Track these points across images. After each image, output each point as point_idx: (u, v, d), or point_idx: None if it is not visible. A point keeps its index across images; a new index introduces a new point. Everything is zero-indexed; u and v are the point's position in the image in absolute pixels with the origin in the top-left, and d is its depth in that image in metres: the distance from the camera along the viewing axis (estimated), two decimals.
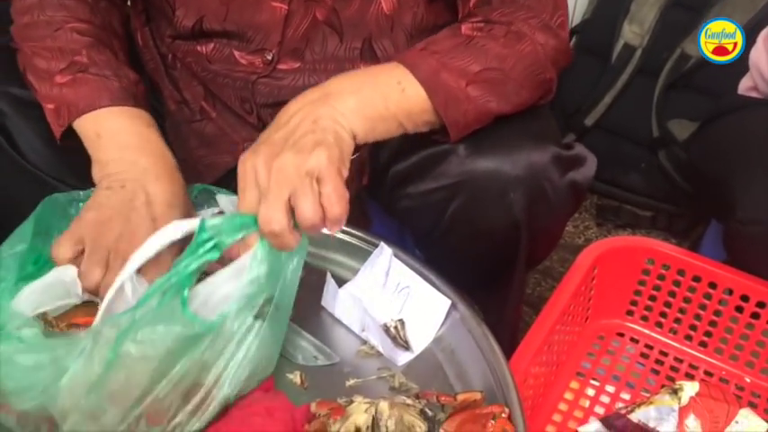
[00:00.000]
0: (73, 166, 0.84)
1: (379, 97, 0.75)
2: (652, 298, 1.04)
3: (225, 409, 0.69)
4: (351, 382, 0.76)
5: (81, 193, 0.77)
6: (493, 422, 0.67)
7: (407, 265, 0.83)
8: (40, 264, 0.73)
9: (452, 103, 0.76)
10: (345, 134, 0.71)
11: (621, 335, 1.06)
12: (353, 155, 0.73)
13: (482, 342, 0.76)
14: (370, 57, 0.88)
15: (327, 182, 0.66)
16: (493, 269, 0.88)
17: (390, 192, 0.89)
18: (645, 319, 1.06)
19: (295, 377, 0.76)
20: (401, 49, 0.87)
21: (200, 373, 0.66)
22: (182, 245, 0.69)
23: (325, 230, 0.67)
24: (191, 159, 0.95)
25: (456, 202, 0.81)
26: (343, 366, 0.78)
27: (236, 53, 0.88)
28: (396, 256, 0.83)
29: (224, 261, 0.68)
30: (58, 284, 0.69)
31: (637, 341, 1.06)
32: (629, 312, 1.07)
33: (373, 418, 0.68)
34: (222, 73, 0.90)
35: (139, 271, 0.69)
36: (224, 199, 0.80)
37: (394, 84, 0.76)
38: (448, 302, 0.80)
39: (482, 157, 0.80)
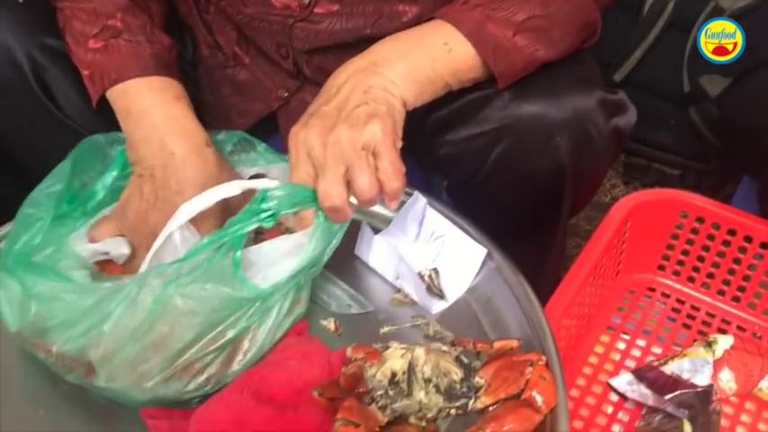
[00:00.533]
0: (109, 120, 0.84)
1: (426, 60, 0.74)
2: (685, 252, 1.03)
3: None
4: (385, 329, 0.76)
5: (120, 134, 0.76)
6: (531, 369, 0.66)
7: (442, 214, 0.82)
8: (74, 204, 0.73)
9: (501, 54, 0.74)
10: (397, 102, 0.70)
11: (652, 290, 1.05)
12: None
13: (518, 291, 0.76)
14: None
15: (384, 156, 0.66)
16: (534, 218, 0.87)
17: (429, 139, 0.88)
18: (677, 273, 1.05)
19: (329, 324, 0.76)
20: None
21: (241, 332, 0.67)
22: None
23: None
24: (223, 106, 0.95)
25: (500, 146, 0.80)
26: (377, 314, 0.78)
27: None
28: (430, 205, 0.82)
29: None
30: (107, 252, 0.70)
31: (668, 296, 1.05)
32: (661, 267, 1.05)
33: (409, 364, 0.67)
34: (257, 16, 0.88)
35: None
36: (276, 170, 0.80)
37: (440, 44, 0.75)
38: (484, 251, 0.79)
39: (527, 101, 0.78)
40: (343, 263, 0.82)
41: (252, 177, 0.82)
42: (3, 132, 0.89)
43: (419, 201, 0.83)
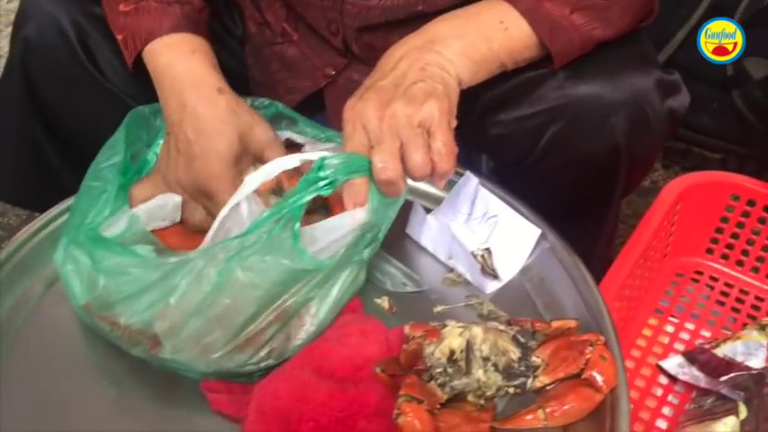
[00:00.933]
0: (150, 85, 0.85)
1: (482, 40, 0.73)
2: (734, 236, 1.02)
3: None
4: (438, 308, 0.76)
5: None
6: (591, 349, 0.66)
7: (494, 194, 0.81)
8: (128, 176, 0.74)
9: (558, 32, 0.74)
10: (453, 81, 0.70)
11: (700, 273, 1.04)
12: None
13: (573, 271, 0.76)
14: None
15: (438, 136, 0.66)
16: (587, 198, 0.87)
17: (478, 119, 0.87)
18: (725, 257, 1.04)
19: (383, 302, 0.76)
20: None
21: (301, 305, 0.67)
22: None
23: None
24: (270, 82, 0.95)
25: (554, 126, 0.79)
26: (430, 293, 0.78)
27: None
28: (481, 185, 0.82)
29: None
30: (161, 209, 0.71)
31: (716, 279, 1.04)
32: (709, 250, 1.05)
33: (467, 342, 0.67)
34: None
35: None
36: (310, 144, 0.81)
37: (496, 23, 0.74)
38: (538, 231, 0.78)
39: (583, 80, 0.78)
40: (395, 242, 0.82)
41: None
42: (49, 101, 0.90)
43: (471, 180, 0.82)
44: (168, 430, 0.66)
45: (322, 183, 0.64)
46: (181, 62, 0.77)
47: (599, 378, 0.64)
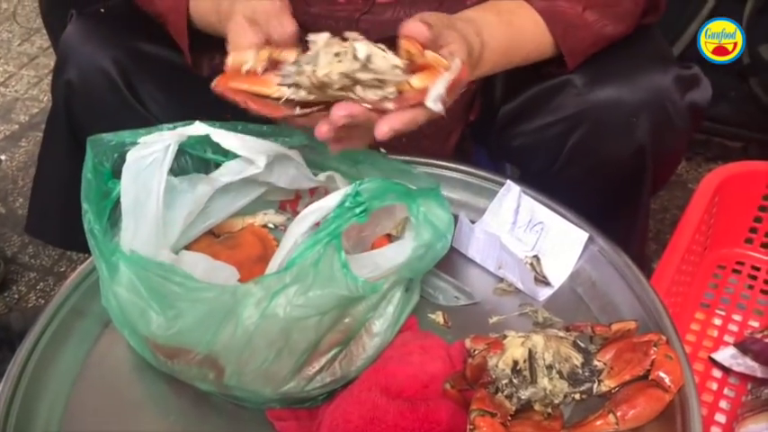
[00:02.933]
0: (192, 116, 0.86)
1: (515, 52, 0.76)
2: None
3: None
4: (494, 319, 0.76)
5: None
6: (655, 349, 0.66)
7: (537, 201, 0.82)
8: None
9: (571, 31, 0.74)
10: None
11: (741, 263, 1.04)
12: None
13: (626, 273, 0.76)
14: None
15: None
16: (615, 200, 0.87)
17: (501, 131, 0.88)
18: (765, 246, 1.04)
19: (438, 317, 0.77)
20: None
21: (360, 326, 0.67)
22: None
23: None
24: None
25: (576, 133, 0.80)
26: (483, 305, 0.78)
27: None
28: (524, 192, 0.82)
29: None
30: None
31: (758, 269, 1.04)
32: (748, 240, 1.05)
33: (529, 351, 0.67)
34: (323, 14, 0.88)
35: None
36: None
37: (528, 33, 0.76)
38: (585, 235, 0.79)
39: (601, 84, 0.78)
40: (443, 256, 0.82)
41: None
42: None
43: (512, 189, 0.83)
44: None
45: (358, 209, 0.64)
46: None
47: (667, 378, 0.64)
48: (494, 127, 0.90)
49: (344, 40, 0.63)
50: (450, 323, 0.76)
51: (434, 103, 0.60)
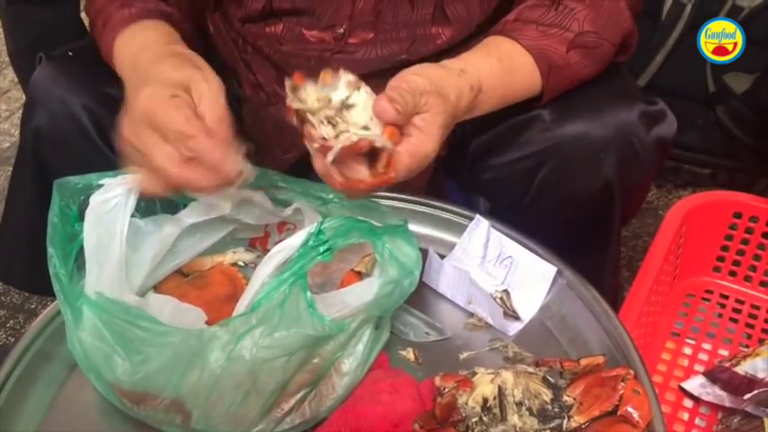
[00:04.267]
0: None
1: (509, 97, 0.77)
2: (740, 252, 1.03)
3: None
4: (464, 355, 0.76)
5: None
6: (623, 384, 0.66)
7: (506, 235, 0.82)
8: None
9: (555, 70, 0.76)
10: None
11: (710, 292, 1.05)
12: None
13: (594, 306, 0.76)
14: (442, 20, 0.86)
15: None
16: (585, 234, 0.88)
17: (471, 165, 0.88)
18: (733, 274, 1.05)
19: (408, 354, 0.76)
20: (473, 11, 0.85)
21: (329, 365, 0.67)
22: None
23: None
24: (268, 142, 0.96)
25: (544, 169, 0.81)
26: (454, 340, 0.78)
27: (306, 32, 0.88)
28: (492, 227, 0.83)
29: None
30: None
31: (726, 297, 1.05)
32: (716, 269, 1.06)
33: (499, 388, 0.67)
34: (295, 53, 0.89)
35: None
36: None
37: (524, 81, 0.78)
38: (554, 269, 0.79)
39: (569, 120, 0.80)
40: (413, 291, 0.82)
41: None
42: None
43: (481, 223, 0.83)
44: None
45: (322, 248, 0.64)
46: (141, 36, 0.78)
47: (635, 413, 0.65)
48: (465, 160, 0.91)
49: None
50: (420, 359, 0.76)
51: (329, 155, 0.64)
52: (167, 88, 0.65)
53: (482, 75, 0.72)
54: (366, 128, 0.64)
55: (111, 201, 0.67)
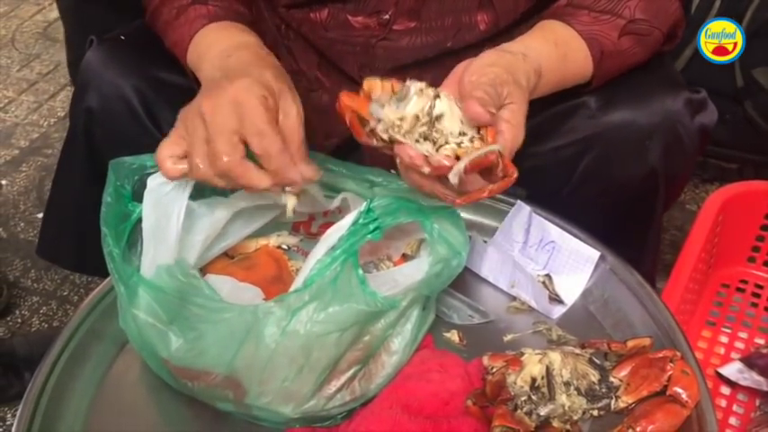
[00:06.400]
0: None
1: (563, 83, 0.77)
2: None
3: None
4: (508, 337, 0.77)
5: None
6: (671, 365, 0.67)
7: (548, 220, 0.83)
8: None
9: (606, 57, 0.76)
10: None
11: (745, 282, 1.06)
12: None
13: (638, 290, 0.77)
14: (487, 6, 0.86)
15: None
16: (627, 220, 0.88)
17: None
18: (767, 264, 1.05)
19: (453, 336, 0.77)
20: None
21: (379, 343, 0.68)
22: None
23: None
24: (309, 129, 0.96)
25: (589, 156, 0.81)
26: (497, 323, 0.79)
27: (351, 18, 0.88)
28: (534, 212, 0.83)
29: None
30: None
31: (761, 287, 1.05)
32: (751, 259, 1.06)
33: (547, 368, 0.68)
34: (339, 39, 0.89)
35: None
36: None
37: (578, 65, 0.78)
38: (597, 254, 0.80)
39: (615, 108, 0.80)
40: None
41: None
42: None
43: (523, 209, 0.84)
44: None
45: (372, 226, 0.65)
46: (231, 35, 0.79)
47: (684, 393, 0.65)
48: None
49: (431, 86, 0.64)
50: (465, 341, 0.77)
51: (453, 177, 0.60)
52: (264, 89, 0.66)
53: (541, 59, 0.72)
54: (463, 134, 0.62)
55: (169, 183, 0.68)
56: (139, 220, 0.70)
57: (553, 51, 0.75)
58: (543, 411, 0.66)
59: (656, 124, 0.79)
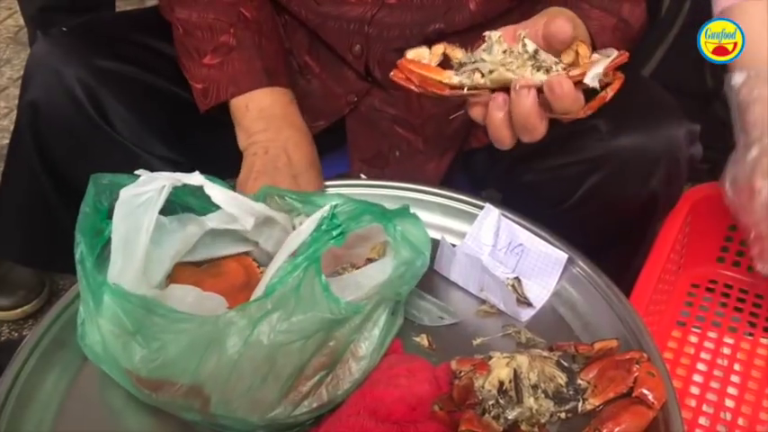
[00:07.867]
0: (161, 137, 0.87)
1: None
2: (743, 242, 1.04)
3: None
4: (477, 341, 0.77)
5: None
6: (637, 366, 0.67)
7: (516, 223, 0.83)
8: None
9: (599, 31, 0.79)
10: None
11: (714, 282, 1.06)
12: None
13: (606, 292, 0.77)
14: None
15: None
16: (619, 241, 0.90)
17: (511, 166, 0.89)
18: (736, 264, 1.06)
19: (422, 340, 0.77)
20: None
21: (345, 348, 0.68)
22: None
23: None
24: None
25: (596, 175, 0.83)
26: (466, 327, 0.79)
27: None
28: (503, 215, 0.84)
29: None
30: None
31: (730, 287, 1.06)
32: (720, 259, 1.07)
33: (514, 372, 0.68)
34: (333, 14, 0.89)
35: None
36: None
37: None
38: (565, 256, 0.80)
39: (625, 132, 0.82)
40: (424, 279, 0.82)
41: None
42: (60, 159, 0.91)
43: (492, 212, 0.84)
44: None
45: (335, 232, 0.65)
46: (281, 105, 0.88)
47: (650, 395, 0.65)
48: (503, 162, 0.91)
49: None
50: (434, 345, 0.77)
51: (592, 80, 0.69)
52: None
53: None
54: (556, 63, 0.71)
55: (142, 195, 0.68)
56: (110, 238, 0.69)
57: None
58: (511, 415, 0.66)
59: (661, 151, 0.82)
